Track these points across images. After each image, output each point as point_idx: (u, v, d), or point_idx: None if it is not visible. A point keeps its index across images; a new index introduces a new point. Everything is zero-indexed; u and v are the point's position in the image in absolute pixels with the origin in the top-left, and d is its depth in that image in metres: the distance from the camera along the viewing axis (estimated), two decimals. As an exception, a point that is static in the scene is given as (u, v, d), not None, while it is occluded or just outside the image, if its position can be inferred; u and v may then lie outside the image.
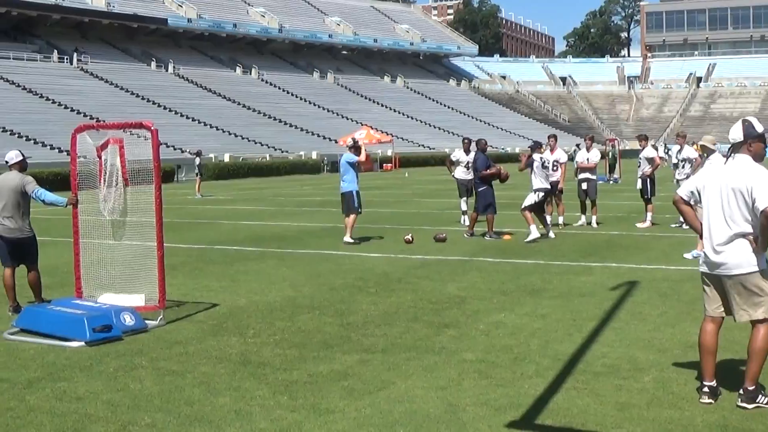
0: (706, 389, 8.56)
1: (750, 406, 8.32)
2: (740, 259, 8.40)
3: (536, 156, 22.99)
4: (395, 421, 8.04)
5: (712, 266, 8.57)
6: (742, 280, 8.42)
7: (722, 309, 8.71)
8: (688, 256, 18.38)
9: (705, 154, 19.02)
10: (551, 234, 22.64)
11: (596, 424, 7.92)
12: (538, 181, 22.75)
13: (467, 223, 24.98)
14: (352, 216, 22.42)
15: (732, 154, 8.56)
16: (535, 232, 22.02)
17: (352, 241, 22.11)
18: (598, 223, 25.91)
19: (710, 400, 8.47)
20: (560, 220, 25.62)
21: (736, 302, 8.53)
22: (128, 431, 7.93)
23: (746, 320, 8.56)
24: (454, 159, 26.03)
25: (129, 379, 9.64)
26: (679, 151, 25.13)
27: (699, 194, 8.76)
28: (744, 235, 8.41)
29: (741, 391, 8.45)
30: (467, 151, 25.93)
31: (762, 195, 8.21)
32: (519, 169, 23.87)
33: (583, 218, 26.34)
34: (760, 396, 8.41)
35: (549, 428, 7.87)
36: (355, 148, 22.91)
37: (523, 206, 22.57)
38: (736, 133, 8.62)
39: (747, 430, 7.75)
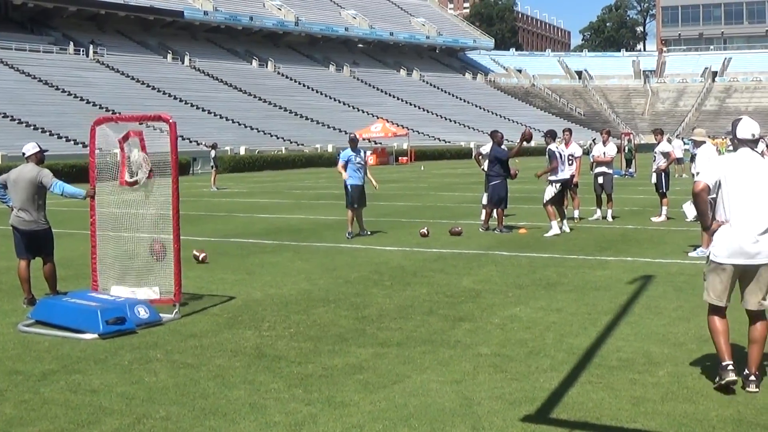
0: (730, 367, 8.60)
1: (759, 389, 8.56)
2: None
3: (552, 147, 22.91)
4: (410, 415, 8.03)
5: (748, 256, 8.65)
6: None
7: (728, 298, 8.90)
8: (693, 254, 18.23)
9: (696, 147, 19.14)
10: (566, 228, 22.58)
11: (611, 419, 7.91)
12: (557, 173, 22.68)
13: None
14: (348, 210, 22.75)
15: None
16: (555, 228, 21.98)
17: (347, 236, 22.28)
18: (613, 217, 25.85)
19: (734, 377, 8.58)
20: (575, 213, 25.57)
21: (759, 289, 8.70)
22: (143, 424, 7.93)
23: (757, 307, 8.76)
24: (483, 152, 25.96)
25: (144, 372, 9.65)
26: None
27: (720, 184, 8.80)
28: None
29: (753, 378, 8.67)
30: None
31: None
32: (547, 172, 23.41)
33: (599, 212, 26.29)
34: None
35: (564, 422, 7.85)
36: (351, 141, 23.22)
37: (544, 201, 22.49)
38: (758, 129, 9.00)
39: (762, 424, 7.72)
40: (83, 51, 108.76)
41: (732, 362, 8.64)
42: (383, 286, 15.06)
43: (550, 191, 22.41)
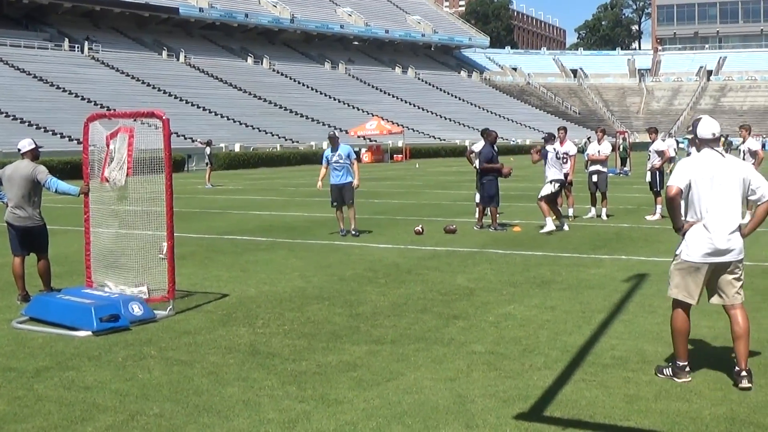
0: (687, 368, 9.00)
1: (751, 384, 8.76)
2: (741, 244, 9.03)
3: (550, 147, 22.94)
4: (404, 412, 8.04)
5: (719, 253, 8.89)
6: (740, 265, 9.08)
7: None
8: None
9: (692, 146, 19.17)
10: (566, 227, 22.58)
11: (605, 416, 7.91)
12: (553, 172, 22.69)
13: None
14: None
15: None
16: (550, 225, 21.99)
17: (340, 233, 22.26)
18: (608, 216, 25.89)
19: (690, 378, 8.94)
20: (570, 212, 25.59)
21: (732, 286, 9.05)
22: (136, 421, 7.93)
23: (739, 302, 9.09)
24: (476, 150, 25.92)
25: (137, 369, 9.65)
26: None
27: (689, 186, 8.99)
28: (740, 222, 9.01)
29: (744, 373, 8.76)
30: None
31: (764, 186, 8.95)
32: (533, 162, 23.83)
33: (593, 210, 26.32)
34: None
35: (557, 420, 7.86)
36: (330, 139, 23.00)
37: (539, 196, 22.52)
38: (718, 128, 9.18)
39: (755, 422, 7.73)
40: (78, 47, 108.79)
41: (688, 363, 9.00)
42: (377, 283, 15.06)
43: (548, 188, 22.42)
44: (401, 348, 10.44)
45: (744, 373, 8.78)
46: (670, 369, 9.10)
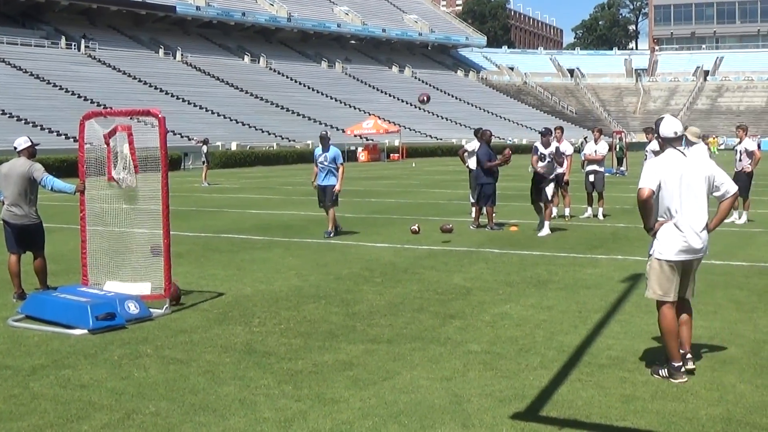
0: (683, 369, 9.10)
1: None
2: (707, 242, 9.34)
3: (540, 146, 22.82)
4: (400, 411, 8.04)
5: (693, 251, 9.19)
6: (701, 261, 9.49)
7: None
8: None
9: (687, 146, 19.16)
10: (546, 230, 22.25)
11: (601, 416, 7.92)
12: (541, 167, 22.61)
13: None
14: None
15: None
16: (547, 230, 21.93)
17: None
18: (604, 216, 25.90)
19: (687, 378, 9.04)
20: (566, 211, 25.57)
21: (693, 280, 9.50)
22: (132, 419, 7.92)
23: (692, 296, 9.56)
24: (469, 149, 25.88)
25: (133, 368, 9.64)
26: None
27: (659, 186, 9.19)
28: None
29: (689, 356, 9.27)
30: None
31: (727, 182, 9.31)
32: (534, 166, 23.48)
33: (589, 210, 26.35)
34: None
35: (553, 420, 7.86)
36: (320, 139, 22.50)
37: (549, 199, 22.31)
38: (680, 127, 9.46)
39: (751, 422, 7.74)
40: (75, 45, 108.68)
41: (683, 363, 9.14)
42: (374, 282, 15.06)
43: (550, 189, 22.32)
44: (397, 347, 10.44)
45: (689, 355, 9.26)
46: (665, 370, 9.12)
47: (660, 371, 9.15)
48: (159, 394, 8.68)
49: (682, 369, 9.06)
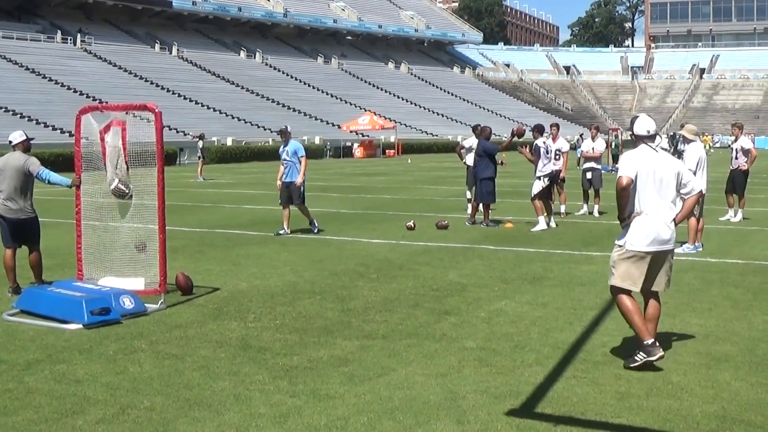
0: (657, 343, 9.40)
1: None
2: (674, 234, 9.73)
3: (539, 141, 22.94)
4: (395, 408, 8.03)
5: (662, 242, 9.57)
6: (673, 253, 9.89)
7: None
8: (679, 250, 18.29)
9: (685, 143, 19.15)
10: (553, 224, 22.61)
11: (596, 413, 7.92)
12: (541, 166, 22.69)
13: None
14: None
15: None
16: (542, 224, 22.00)
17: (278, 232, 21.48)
18: (600, 213, 25.90)
19: (663, 352, 9.37)
20: (562, 209, 25.59)
21: (665, 272, 9.80)
22: (127, 414, 7.91)
23: (664, 289, 9.94)
24: (466, 146, 25.89)
25: (128, 362, 9.63)
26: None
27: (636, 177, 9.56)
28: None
29: (657, 343, 9.41)
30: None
31: (693, 180, 9.83)
32: (531, 161, 23.54)
33: (585, 207, 26.38)
34: None
35: (548, 417, 7.86)
36: (281, 133, 21.92)
37: (532, 195, 22.51)
38: (653, 126, 9.91)
39: (746, 420, 7.74)
40: (71, 40, 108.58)
41: (654, 339, 9.45)
42: (369, 278, 15.06)
43: (538, 185, 22.43)
44: (393, 343, 10.44)
45: (657, 342, 9.47)
46: (640, 353, 9.31)
47: (636, 357, 9.33)
48: (154, 389, 8.67)
49: (656, 343, 9.35)
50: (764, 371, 9.20)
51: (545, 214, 22.39)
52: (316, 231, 21.51)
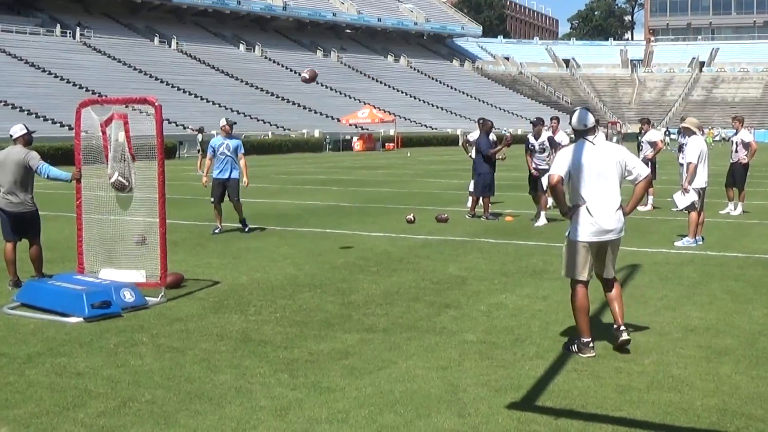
0: (591, 345, 9.67)
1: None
2: (622, 223, 9.97)
3: (531, 138, 22.87)
4: (395, 401, 8.04)
5: (604, 232, 9.79)
6: (619, 242, 10.09)
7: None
8: (679, 243, 18.37)
9: (686, 136, 19.13)
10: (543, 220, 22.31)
11: (596, 407, 7.92)
12: (539, 162, 22.64)
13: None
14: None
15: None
16: (543, 219, 21.93)
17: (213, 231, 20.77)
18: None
19: (594, 353, 9.60)
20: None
21: (610, 261, 10.04)
22: (128, 407, 7.92)
23: (612, 276, 10.12)
24: (471, 140, 25.87)
25: (129, 356, 9.64)
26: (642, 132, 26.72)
27: (570, 174, 9.80)
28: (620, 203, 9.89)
29: (622, 328, 9.79)
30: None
31: (639, 166, 10.03)
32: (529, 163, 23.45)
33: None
34: None
35: (549, 410, 7.86)
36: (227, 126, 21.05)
37: (544, 189, 22.32)
38: (591, 120, 10.02)
39: (746, 413, 7.75)
40: (70, 33, 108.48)
41: (591, 339, 9.71)
42: (369, 272, 15.07)
43: (546, 180, 22.29)
44: (393, 336, 10.45)
45: (622, 328, 9.80)
46: (575, 345, 9.68)
47: (571, 347, 9.72)
48: (155, 382, 8.68)
49: (591, 345, 9.62)
50: (765, 364, 9.21)
51: (546, 208, 22.34)
52: (246, 230, 20.67)
